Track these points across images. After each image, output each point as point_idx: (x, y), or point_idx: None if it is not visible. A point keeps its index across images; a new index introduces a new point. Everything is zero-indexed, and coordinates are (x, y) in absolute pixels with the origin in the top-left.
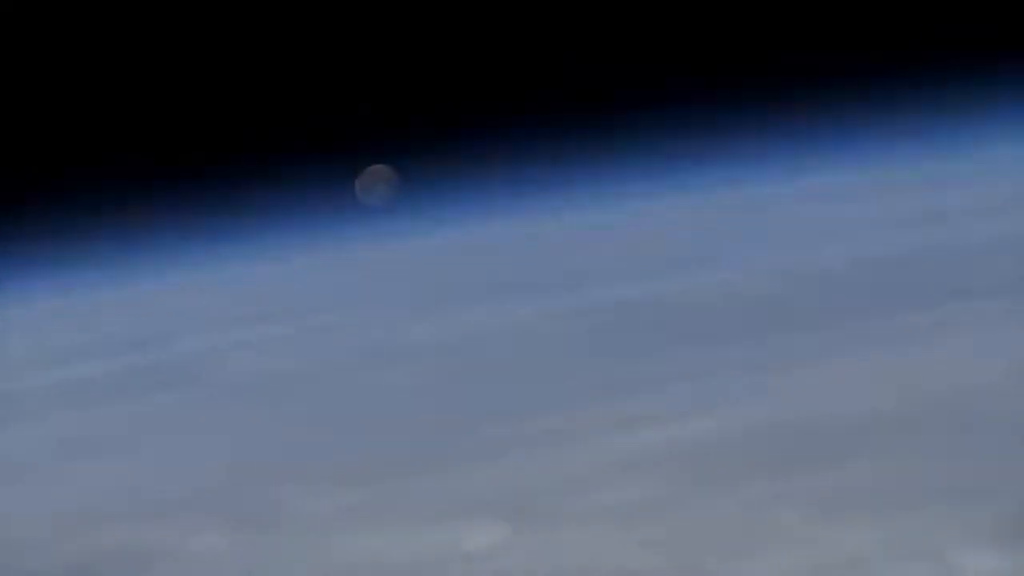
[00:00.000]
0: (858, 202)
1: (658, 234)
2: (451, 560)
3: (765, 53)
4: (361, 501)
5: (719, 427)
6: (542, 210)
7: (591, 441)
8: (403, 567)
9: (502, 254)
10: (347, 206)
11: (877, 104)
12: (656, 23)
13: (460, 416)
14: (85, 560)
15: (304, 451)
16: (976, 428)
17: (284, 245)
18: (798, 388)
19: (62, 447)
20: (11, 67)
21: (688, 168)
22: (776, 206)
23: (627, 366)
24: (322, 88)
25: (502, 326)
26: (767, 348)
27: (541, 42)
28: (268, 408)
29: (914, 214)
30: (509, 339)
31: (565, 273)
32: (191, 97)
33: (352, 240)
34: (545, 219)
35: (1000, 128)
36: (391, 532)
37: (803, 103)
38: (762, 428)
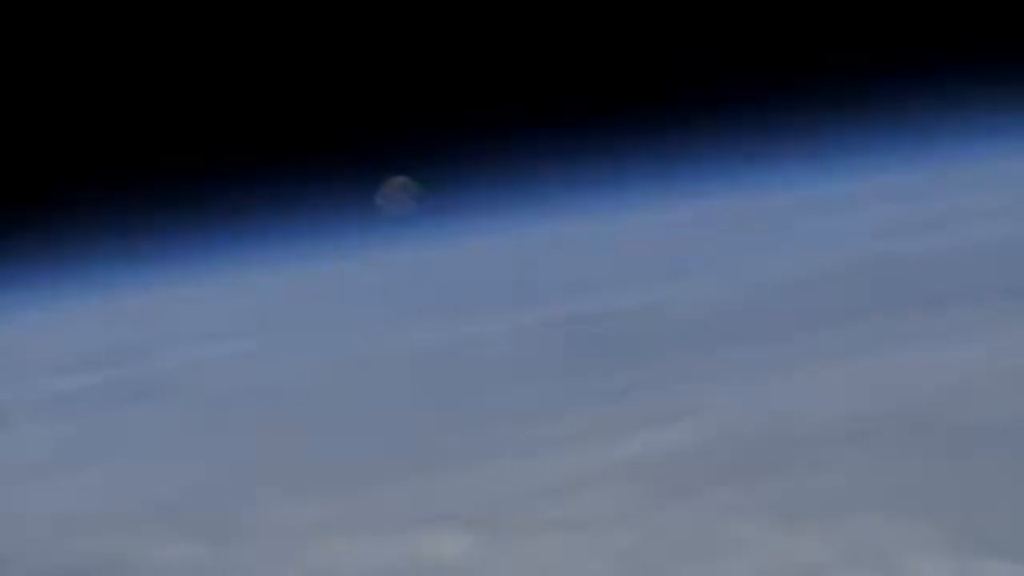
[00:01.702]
0: (851, 210)
1: (655, 243)
2: (423, 569)
3: (765, 60)
4: (336, 510)
5: (688, 436)
6: (549, 218)
7: (563, 450)
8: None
9: (507, 263)
10: (357, 215)
11: (875, 111)
12: (656, 33)
13: (435, 425)
14: (64, 569)
15: (283, 460)
16: (937, 435)
17: (298, 254)
18: (774, 395)
19: (44, 458)
20: (10, 75)
21: (687, 178)
22: (772, 215)
23: (610, 375)
24: (336, 99)
25: (492, 335)
26: (746, 356)
27: (548, 59)
28: (253, 418)
29: (905, 221)
30: (497, 348)
31: (564, 282)
32: (204, 108)
33: (359, 249)
34: (551, 227)
35: (998, 135)
36: (364, 540)
37: (802, 112)
38: (731, 436)
